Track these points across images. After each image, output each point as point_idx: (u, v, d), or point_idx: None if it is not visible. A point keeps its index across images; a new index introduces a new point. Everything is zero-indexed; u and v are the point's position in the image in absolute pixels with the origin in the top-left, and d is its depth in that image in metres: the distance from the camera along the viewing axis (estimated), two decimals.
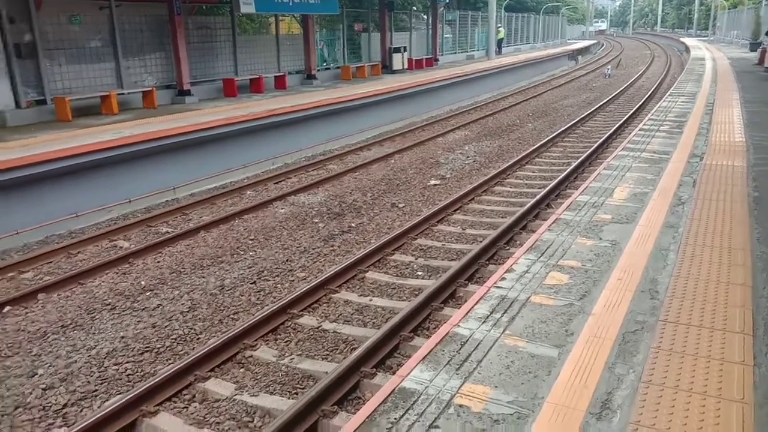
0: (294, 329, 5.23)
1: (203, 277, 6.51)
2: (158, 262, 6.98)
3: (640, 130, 9.02)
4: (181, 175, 9.95)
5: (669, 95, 13.24)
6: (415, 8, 27.04)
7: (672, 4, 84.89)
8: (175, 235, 7.69)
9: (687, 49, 35.30)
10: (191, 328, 5.38)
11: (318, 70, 18.21)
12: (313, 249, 7.21)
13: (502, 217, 7.97)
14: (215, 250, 7.28)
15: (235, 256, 7.11)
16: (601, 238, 4.48)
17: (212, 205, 9.26)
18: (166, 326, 5.42)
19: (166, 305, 5.83)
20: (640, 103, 17.50)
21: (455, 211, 8.46)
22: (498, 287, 3.70)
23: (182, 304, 5.86)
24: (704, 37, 54.01)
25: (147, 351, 5.00)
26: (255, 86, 15.42)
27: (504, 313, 3.37)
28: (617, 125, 13.74)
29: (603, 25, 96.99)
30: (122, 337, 5.21)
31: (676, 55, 38.60)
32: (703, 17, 63.72)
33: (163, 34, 13.30)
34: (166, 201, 9.54)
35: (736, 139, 8.02)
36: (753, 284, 3.65)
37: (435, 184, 10.05)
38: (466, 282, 5.94)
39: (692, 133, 8.52)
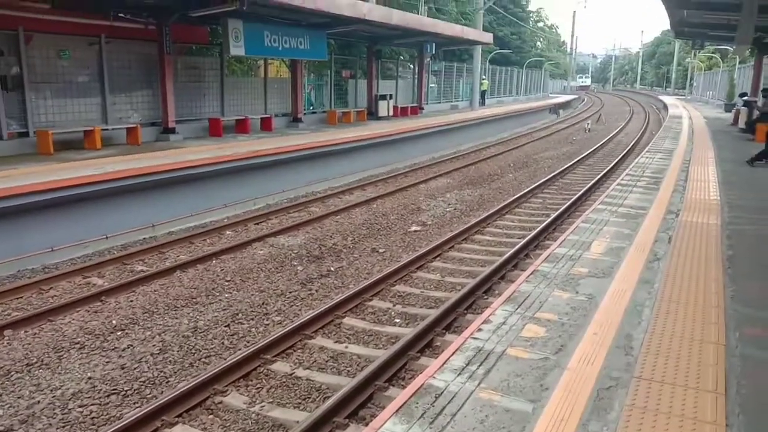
0: (266, 375, 5.13)
1: (176, 318, 6.39)
2: (131, 301, 6.85)
3: (618, 185, 9.19)
4: (160, 213, 9.87)
5: (647, 151, 13.57)
6: (402, 57, 27.66)
7: (651, 63, 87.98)
8: (150, 274, 7.59)
9: (665, 106, 36.41)
10: (161, 371, 5.25)
11: (304, 114, 18.43)
12: (291, 292, 7.13)
13: (481, 266, 7.99)
14: (190, 291, 7.17)
15: (210, 297, 7.00)
16: (577, 292, 4.50)
17: (190, 244, 9.17)
18: (135, 368, 5.28)
19: (136, 346, 5.70)
20: (619, 157, 17.89)
21: (435, 258, 8.47)
22: (475, 338, 3.68)
23: (153, 345, 5.73)
24: (681, 95, 55.83)
25: (114, 393, 4.85)
26: (241, 127, 15.53)
27: (480, 365, 3.34)
28: (596, 179, 14.00)
29: (587, 81, 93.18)
30: (89, 378, 5.06)
31: (654, 112, 39.75)
32: (681, 77, 66.06)
33: (152, 72, 13.41)
34: (144, 238, 9.43)
35: (711, 197, 8.19)
36: (726, 343, 3.67)
37: (416, 231, 10.08)
38: (444, 331, 5.91)
39: (669, 189, 8.71)
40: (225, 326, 6.20)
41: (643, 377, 3.21)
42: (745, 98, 20.11)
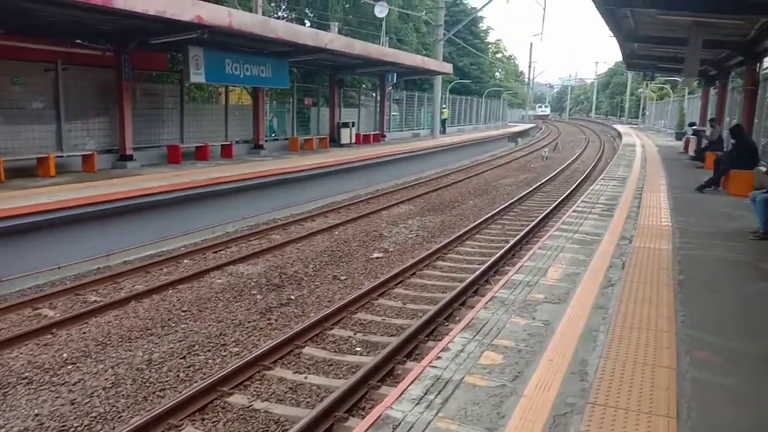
0: (223, 408, 5.00)
1: (130, 351, 6.21)
2: (83, 333, 6.64)
3: (573, 211, 9.40)
4: (116, 242, 9.64)
5: (601, 179, 13.94)
6: (364, 86, 27.96)
7: (605, 93, 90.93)
8: (104, 305, 7.38)
9: (619, 135, 37.57)
10: (113, 406, 5.07)
11: (266, 141, 18.38)
12: (249, 322, 7.02)
13: (442, 293, 8.03)
14: (145, 322, 6.99)
15: (165, 328, 6.83)
16: (534, 318, 4.56)
17: (146, 273, 8.96)
18: (86, 403, 5.09)
19: (88, 380, 5.50)
20: (575, 185, 18.35)
21: (397, 285, 8.47)
22: (433, 366, 3.68)
23: (106, 379, 5.55)
24: (635, 124, 57.75)
25: (63, 430, 4.67)
26: (200, 154, 15.38)
27: (438, 394, 3.34)
28: (553, 205, 14.30)
29: (547, 110, 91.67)
30: (36, 415, 4.86)
31: (609, 140, 40.97)
32: (634, 106, 68.47)
33: (109, 99, 13.21)
34: (98, 268, 9.18)
35: (663, 223, 8.45)
36: (677, 367, 3.76)
37: (378, 257, 10.09)
38: (405, 359, 5.88)
39: (622, 216, 8.95)
40: (181, 358, 6.05)
41: (597, 403, 3.25)
42: (694, 127, 20.95)
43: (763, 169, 11.13)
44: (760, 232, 7.65)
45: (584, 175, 21.09)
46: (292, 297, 7.96)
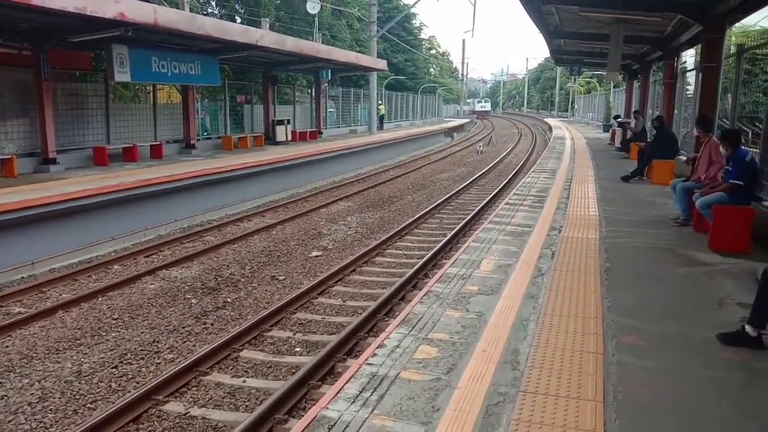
0: (159, 417, 4.86)
1: (58, 363, 5.94)
2: (6, 346, 6.30)
3: (506, 204, 9.64)
4: (40, 250, 9.18)
5: (533, 171, 14.34)
6: (299, 83, 27.69)
7: (536, 88, 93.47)
8: (29, 316, 7.03)
9: (550, 128, 38.74)
10: (40, 422, 4.85)
11: (198, 140, 17.93)
12: (184, 327, 6.83)
13: (382, 288, 8.07)
14: (74, 332, 6.70)
15: (96, 337, 6.57)
16: (468, 310, 4.64)
17: (74, 281, 8.59)
18: (10, 420, 4.84)
19: (12, 396, 5.23)
20: (509, 177, 18.82)
21: (336, 282, 8.45)
22: (369, 364, 3.69)
23: (32, 394, 5.28)
24: (565, 117, 59.70)
25: None
26: (128, 155, 14.84)
27: (374, 391, 3.35)
28: (488, 198, 14.61)
29: (487, 105, 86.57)
30: None
31: (540, 133, 42.22)
32: (563, 100, 70.67)
33: (28, 100, 12.54)
34: (22, 277, 8.73)
35: (590, 213, 8.77)
36: (604, 352, 3.91)
37: (317, 256, 10.03)
38: (345, 357, 5.88)
39: (552, 207, 9.23)
40: (112, 368, 5.83)
41: (528, 391, 3.35)
42: (619, 120, 21.86)
43: (683, 158, 11.72)
44: (680, 219, 8.06)
45: (517, 168, 21.64)
46: (229, 300, 7.80)
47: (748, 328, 4.00)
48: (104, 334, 6.67)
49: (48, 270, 9.13)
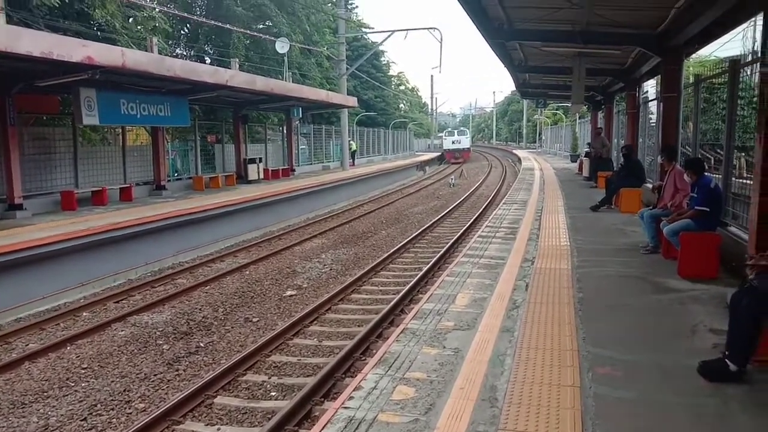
0: None
1: (23, 417, 5.73)
2: None
3: (478, 236, 9.69)
4: (5, 299, 8.92)
5: (504, 203, 14.49)
6: (270, 121, 27.78)
7: (504, 121, 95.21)
8: None
9: (519, 160, 39.36)
10: None
11: (169, 181, 17.78)
12: (155, 375, 6.65)
13: (358, 326, 7.99)
14: (41, 384, 6.48)
15: (64, 389, 6.35)
16: (444, 347, 4.61)
17: (41, 330, 8.34)
18: None
19: None
20: (481, 209, 19.00)
21: (312, 322, 8.36)
22: (346, 407, 3.62)
23: None
24: (533, 149, 60.80)
25: None
26: (97, 198, 14.63)
27: None
28: (461, 231, 14.70)
29: (464, 139, 53.88)
30: None
31: (510, 165, 42.87)
32: (531, 131, 72.12)
33: None
34: None
35: (562, 243, 8.86)
36: (581, 384, 3.90)
37: (291, 295, 9.92)
38: (322, 399, 5.78)
39: (524, 238, 9.31)
40: (81, 420, 5.63)
41: (507, 428, 3.31)
42: (586, 149, 22.36)
43: (650, 186, 11.96)
44: (649, 246, 8.19)
45: (488, 200, 21.87)
46: (201, 344, 7.63)
47: (730, 364, 3.96)
48: (73, 384, 6.46)
49: (14, 320, 8.85)
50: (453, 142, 52.57)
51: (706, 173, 7.09)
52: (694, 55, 13.86)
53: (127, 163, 16.63)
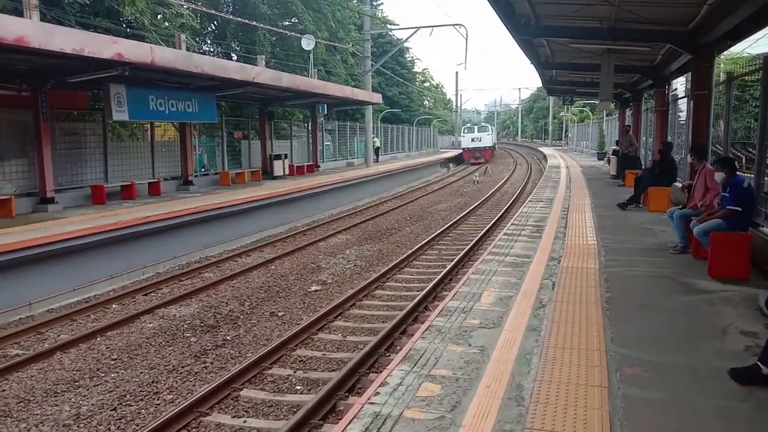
0: None
1: (56, 406, 5.86)
2: (3, 390, 6.23)
3: (504, 234, 9.64)
4: (38, 290, 9.14)
5: (529, 201, 14.38)
6: (295, 117, 27.96)
7: (530, 118, 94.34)
8: (26, 358, 6.97)
9: (545, 157, 39.00)
10: None
11: (196, 176, 18.00)
12: (183, 367, 6.76)
13: (382, 322, 8.01)
14: (72, 374, 6.63)
15: (94, 379, 6.49)
16: (470, 345, 4.60)
17: (72, 321, 8.53)
18: None
19: None
20: (506, 207, 18.87)
21: (336, 317, 8.40)
22: (372, 403, 3.65)
23: None
24: (559, 146, 60.12)
25: None
26: (126, 193, 14.89)
27: None
28: (485, 228, 14.62)
29: (486, 137, 47.18)
30: None
31: (535, 162, 42.48)
32: (557, 129, 71.33)
33: (27, 140, 12.63)
34: (20, 319, 8.67)
35: (588, 242, 8.77)
36: (609, 385, 3.87)
37: (316, 290, 9.98)
38: (347, 394, 5.82)
39: (550, 237, 9.24)
40: (111, 410, 5.75)
41: (534, 428, 3.30)
42: (614, 147, 22.05)
43: (679, 185, 11.74)
44: (678, 246, 8.06)
45: (513, 197, 21.73)
46: (228, 337, 7.73)
47: (763, 367, 3.90)
48: (103, 375, 6.60)
49: (46, 310, 9.07)
50: (473, 140, 46.31)
51: (738, 172, 6.95)
52: (725, 53, 13.58)
53: (155, 158, 16.89)
